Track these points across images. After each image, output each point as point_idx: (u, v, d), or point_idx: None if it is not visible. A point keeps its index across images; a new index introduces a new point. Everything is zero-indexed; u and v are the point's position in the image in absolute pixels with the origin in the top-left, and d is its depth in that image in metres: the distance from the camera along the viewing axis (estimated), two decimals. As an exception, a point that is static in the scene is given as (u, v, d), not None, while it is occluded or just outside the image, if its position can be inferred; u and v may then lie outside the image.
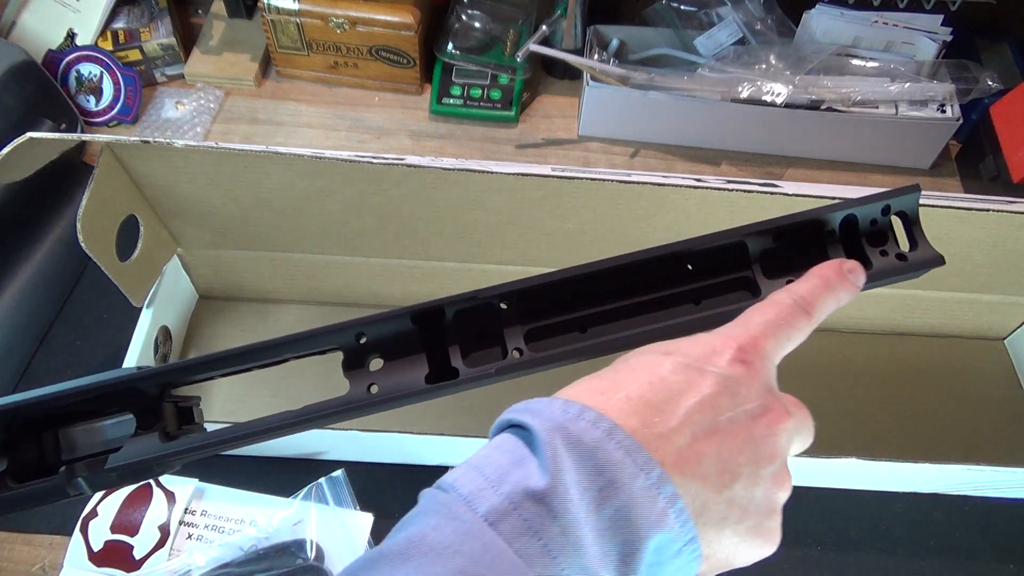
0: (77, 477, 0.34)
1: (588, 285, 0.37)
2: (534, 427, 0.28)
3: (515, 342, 0.36)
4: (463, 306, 0.36)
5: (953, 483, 0.64)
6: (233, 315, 0.76)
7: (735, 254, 0.37)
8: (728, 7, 0.86)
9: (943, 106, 0.83)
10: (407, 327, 0.35)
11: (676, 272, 0.37)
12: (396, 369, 0.35)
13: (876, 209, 0.37)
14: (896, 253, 0.37)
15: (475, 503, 0.27)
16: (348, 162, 0.58)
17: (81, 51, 0.89)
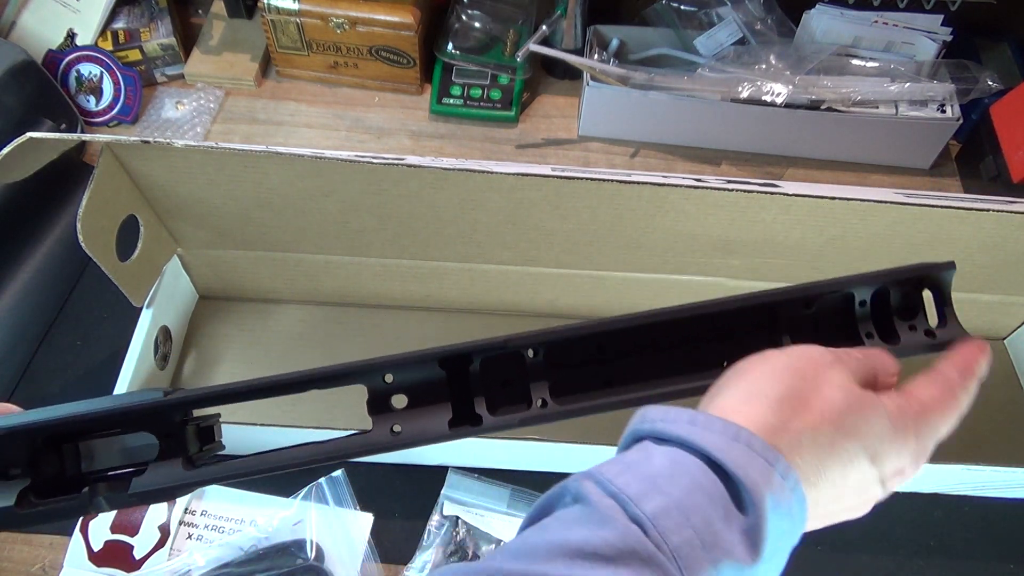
0: (99, 497, 0.34)
1: (616, 338, 0.36)
2: (740, 479, 0.27)
3: (540, 392, 0.36)
4: (491, 354, 0.35)
5: (953, 483, 0.64)
6: (233, 315, 0.76)
7: (764, 317, 0.37)
8: (728, 7, 0.86)
9: (943, 106, 0.83)
10: (434, 370, 0.35)
11: (704, 330, 0.37)
12: (420, 412, 0.35)
13: (909, 283, 0.37)
14: (925, 329, 0.37)
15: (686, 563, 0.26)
16: (348, 162, 0.58)
17: (81, 51, 0.89)
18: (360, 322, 0.76)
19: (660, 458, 0.28)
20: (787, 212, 0.62)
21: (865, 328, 0.37)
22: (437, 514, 0.64)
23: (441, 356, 0.35)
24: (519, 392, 0.36)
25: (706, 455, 0.28)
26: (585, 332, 0.35)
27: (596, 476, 0.29)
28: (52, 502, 0.34)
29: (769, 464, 0.27)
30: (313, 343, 0.74)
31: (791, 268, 0.69)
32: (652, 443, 0.30)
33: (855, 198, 0.59)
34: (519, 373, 0.36)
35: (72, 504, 0.34)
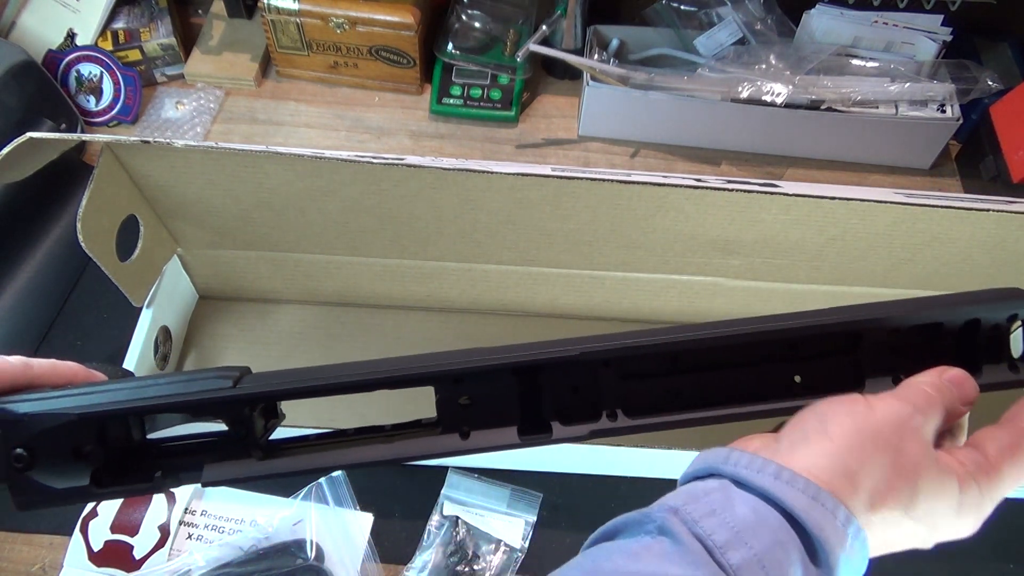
0: (172, 477, 0.35)
1: (690, 352, 0.36)
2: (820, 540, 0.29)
3: (611, 404, 0.35)
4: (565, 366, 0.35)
5: (953, 483, 0.64)
6: (233, 315, 0.76)
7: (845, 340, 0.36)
8: (728, 7, 0.86)
9: (943, 106, 0.83)
10: (505, 377, 0.35)
11: (781, 348, 0.36)
12: (489, 417, 0.35)
13: (1001, 315, 0.36)
14: (1009, 363, 0.36)
15: None
16: (348, 162, 0.58)
17: (81, 51, 0.89)
18: (360, 322, 0.76)
19: (743, 507, 0.30)
20: (787, 212, 0.62)
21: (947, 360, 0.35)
22: (437, 514, 0.64)
23: (514, 364, 0.35)
24: (588, 402, 0.36)
25: (788, 512, 0.29)
26: (660, 346, 0.35)
27: (683, 514, 0.30)
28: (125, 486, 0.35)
29: (844, 527, 0.29)
30: (313, 343, 0.74)
31: (791, 268, 0.69)
32: (733, 486, 0.31)
33: (855, 198, 0.59)
34: (590, 386, 0.36)
35: (145, 487, 0.35)
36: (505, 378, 0.35)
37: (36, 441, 0.34)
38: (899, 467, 0.31)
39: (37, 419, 0.34)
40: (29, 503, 0.34)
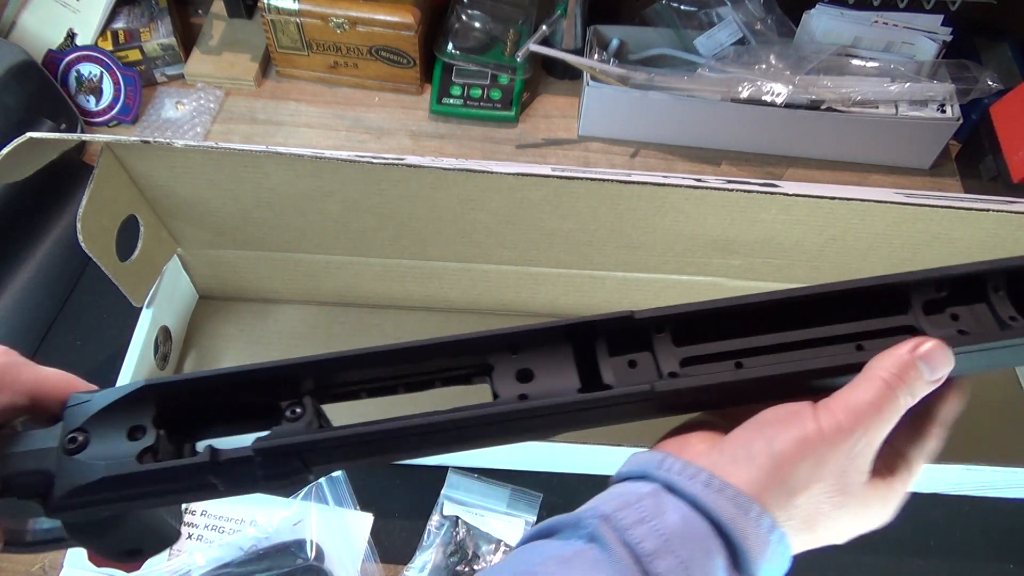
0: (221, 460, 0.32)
1: (743, 317, 0.36)
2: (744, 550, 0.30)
3: (670, 366, 0.35)
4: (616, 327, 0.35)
5: (953, 483, 0.64)
6: (233, 315, 0.76)
7: (897, 299, 0.36)
8: (728, 7, 0.86)
9: (943, 106, 0.83)
10: (561, 341, 0.35)
11: (834, 310, 0.36)
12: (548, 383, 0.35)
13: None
14: None
15: None
16: (348, 162, 0.58)
17: (81, 51, 0.89)
18: (360, 322, 0.76)
19: (673, 514, 0.30)
20: (787, 212, 0.62)
21: (1007, 312, 0.36)
22: (437, 514, 0.64)
23: (568, 326, 0.35)
24: (646, 368, 0.36)
25: (715, 520, 0.30)
26: (713, 309, 0.35)
27: (614, 521, 0.30)
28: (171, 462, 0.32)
29: (767, 536, 0.31)
30: (313, 343, 0.74)
31: (791, 268, 0.69)
32: (665, 492, 0.31)
33: (855, 198, 0.59)
34: (645, 349, 0.36)
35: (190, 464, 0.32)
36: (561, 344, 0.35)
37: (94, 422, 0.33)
38: (836, 492, 0.33)
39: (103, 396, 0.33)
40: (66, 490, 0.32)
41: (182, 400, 0.34)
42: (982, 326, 0.36)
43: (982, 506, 0.66)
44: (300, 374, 0.34)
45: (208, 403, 0.34)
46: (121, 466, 0.32)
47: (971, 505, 0.66)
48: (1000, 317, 0.36)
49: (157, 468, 0.32)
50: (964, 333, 0.35)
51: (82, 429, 0.33)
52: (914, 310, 0.36)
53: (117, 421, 0.33)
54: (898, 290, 0.36)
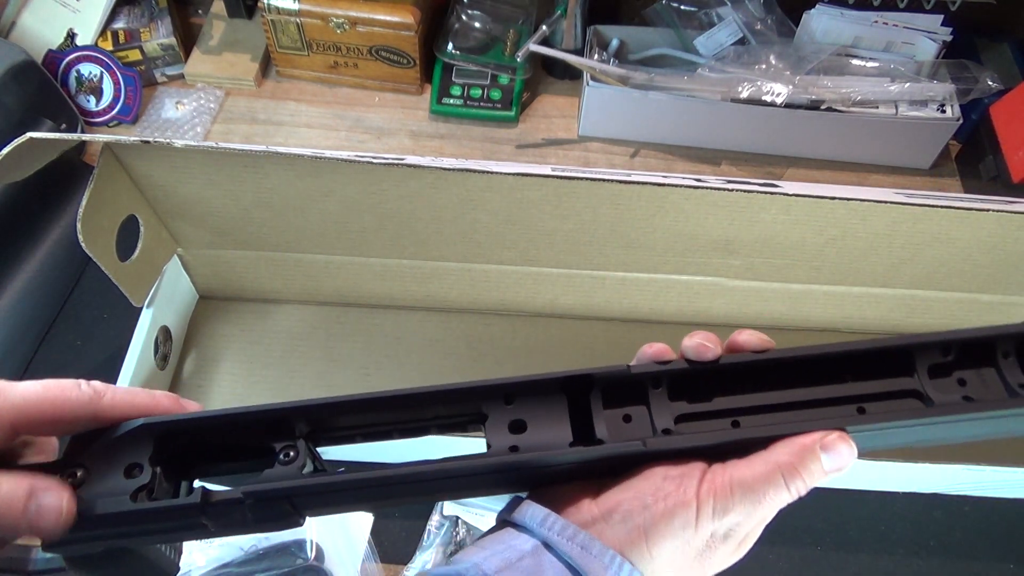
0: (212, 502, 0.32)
1: (744, 374, 0.36)
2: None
3: (664, 423, 0.35)
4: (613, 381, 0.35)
5: (953, 483, 0.64)
6: (233, 315, 0.76)
7: (902, 361, 0.35)
8: (728, 7, 0.86)
9: (943, 106, 0.83)
10: (555, 394, 0.35)
11: (835, 370, 0.36)
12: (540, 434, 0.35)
13: None
14: None
15: None
16: (348, 162, 0.58)
17: (81, 51, 0.89)
18: (360, 322, 0.76)
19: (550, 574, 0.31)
20: (787, 212, 0.62)
21: (1016, 379, 0.35)
22: (437, 514, 0.64)
23: (563, 379, 0.35)
24: (642, 424, 0.35)
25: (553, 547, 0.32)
26: (712, 368, 0.35)
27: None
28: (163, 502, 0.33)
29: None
30: (313, 343, 0.74)
31: (791, 268, 0.69)
32: (544, 550, 0.32)
33: (855, 198, 0.59)
34: (640, 403, 0.36)
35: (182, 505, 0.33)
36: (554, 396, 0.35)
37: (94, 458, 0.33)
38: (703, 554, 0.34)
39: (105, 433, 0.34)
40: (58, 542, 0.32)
41: (179, 438, 0.34)
42: (990, 392, 0.35)
43: (982, 506, 0.66)
44: (295, 417, 0.35)
45: (205, 442, 0.35)
46: (115, 504, 0.32)
47: (971, 505, 0.66)
48: (1009, 383, 0.35)
49: (149, 508, 0.32)
50: (970, 399, 0.35)
51: (81, 465, 0.33)
52: (919, 373, 0.35)
53: (116, 458, 0.33)
54: (903, 352, 0.35)
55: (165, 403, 0.35)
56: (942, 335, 0.35)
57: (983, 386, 0.35)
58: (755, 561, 0.62)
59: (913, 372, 0.35)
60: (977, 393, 0.35)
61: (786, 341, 0.35)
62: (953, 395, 0.35)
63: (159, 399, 0.35)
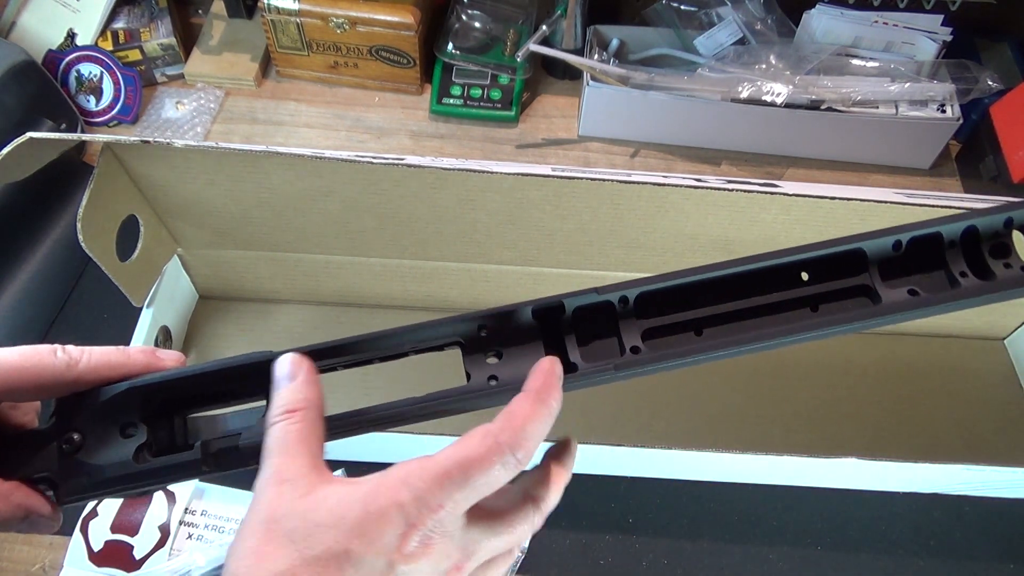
0: (211, 452, 0.35)
1: (703, 288, 0.37)
2: None
3: (632, 340, 0.36)
4: (583, 302, 0.36)
5: (953, 483, 0.64)
6: (233, 315, 0.76)
7: (852, 260, 0.37)
8: (728, 7, 0.86)
9: (943, 106, 0.83)
10: (527, 321, 0.36)
11: (791, 277, 0.37)
12: (515, 362, 0.36)
13: (998, 221, 0.37)
14: (1021, 266, 0.36)
15: None
16: (348, 162, 0.58)
17: (81, 51, 0.89)
18: (360, 322, 0.76)
19: None
20: (787, 212, 0.62)
21: (958, 267, 0.36)
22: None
23: (535, 306, 0.36)
24: (611, 343, 0.37)
25: None
26: (673, 283, 0.36)
27: None
28: (167, 458, 0.35)
29: None
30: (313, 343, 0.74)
31: (791, 268, 0.69)
32: None
33: (855, 198, 0.59)
34: (610, 325, 0.37)
35: (186, 459, 0.35)
36: (527, 323, 0.36)
37: (87, 422, 0.35)
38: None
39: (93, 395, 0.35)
40: (72, 491, 0.34)
41: (165, 394, 0.35)
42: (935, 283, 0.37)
43: (982, 506, 0.66)
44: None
45: (192, 394, 0.36)
46: (121, 467, 0.34)
47: (971, 505, 0.66)
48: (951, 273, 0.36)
49: (154, 467, 0.34)
50: (915, 293, 0.36)
51: (76, 429, 0.35)
52: (871, 271, 0.37)
53: (108, 420, 0.35)
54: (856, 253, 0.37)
55: (139, 358, 0.36)
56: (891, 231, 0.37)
57: (929, 279, 0.37)
58: (755, 561, 0.63)
59: (865, 268, 0.37)
60: (923, 285, 0.36)
61: (786, 341, 0.35)
62: (901, 290, 0.36)
63: (133, 356, 0.36)
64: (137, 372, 0.36)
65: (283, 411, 0.33)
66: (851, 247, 0.36)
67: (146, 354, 0.36)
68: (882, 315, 0.36)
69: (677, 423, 0.70)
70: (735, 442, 0.69)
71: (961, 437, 0.71)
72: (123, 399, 0.35)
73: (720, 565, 0.62)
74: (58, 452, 0.34)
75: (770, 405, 0.71)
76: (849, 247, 0.36)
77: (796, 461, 0.59)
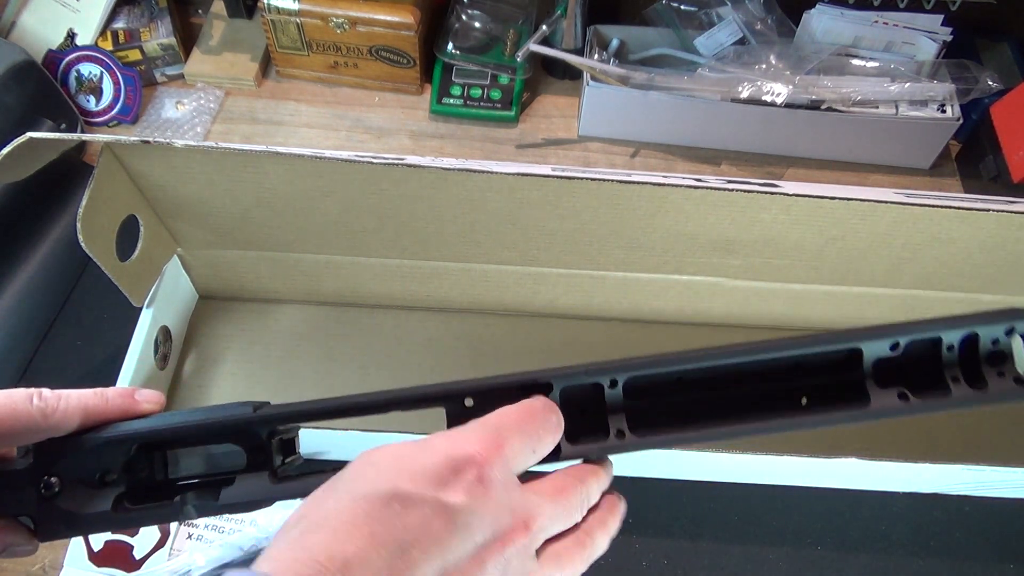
0: (190, 505, 0.35)
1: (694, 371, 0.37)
2: None
3: (618, 423, 0.36)
4: (572, 383, 0.36)
5: (953, 483, 0.64)
6: (233, 315, 0.76)
7: (848, 358, 0.36)
8: (728, 7, 0.86)
9: (943, 106, 0.83)
10: (515, 397, 0.36)
11: (784, 366, 0.37)
12: None
13: (999, 330, 0.36)
14: (1014, 376, 0.36)
15: None
16: (348, 162, 0.58)
17: (81, 51, 0.89)
18: (360, 322, 0.76)
19: None
20: (787, 212, 0.62)
21: (951, 372, 0.36)
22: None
23: (522, 383, 0.36)
24: (596, 422, 0.36)
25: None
26: (664, 367, 0.36)
27: None
28: (145, 508, 0.35)
29: None
30: (313, 343, 0.74)
31: (791, 268, 0.69)
32: None
33: (855, 198, 0.59)
34: (596, 405, 0.36)
35: (163, 511, 0.35)
36: (514, 398, 0.35)
37: (65, 468, 0.35)
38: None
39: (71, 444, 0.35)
40: (51, 532, 0.35)
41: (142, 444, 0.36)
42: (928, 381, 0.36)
43: (982, 506, 0.66)
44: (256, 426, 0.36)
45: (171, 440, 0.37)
46: (99, 516, 0.35)
47: (971, 505, 0.66)
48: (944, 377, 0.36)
49: (130, 516, 0.35)
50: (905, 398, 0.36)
51: (55, 474, 0.35)
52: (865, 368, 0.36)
53: (86, 469, 0.35)
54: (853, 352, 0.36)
55: (117, 402, 0.36)
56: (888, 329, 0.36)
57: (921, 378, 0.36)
58: (755, 561, 0.62)
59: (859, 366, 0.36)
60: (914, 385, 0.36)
61: (787, 341, 0.35)
62: (891, 391, 0.36)
63: (111, 400, 0.36)
64: (115, 415, 0.36)
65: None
66: (849, 346, 0.36)
67: (124, 397, 0.36)
68: (870, 417, 0.36)
69: (677, 423, 0.70)
70: (735, 442, 0.69)
71: (961, 437, 0.71)
72: (100, 450, 0.35)
73: (720, 565, 0.62)
74: (37, 495, 0.35)
75: (770, 405, 0.71)
76: (847, 346, 0.36)
77: (796, 461, 0.59)
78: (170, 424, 0.36)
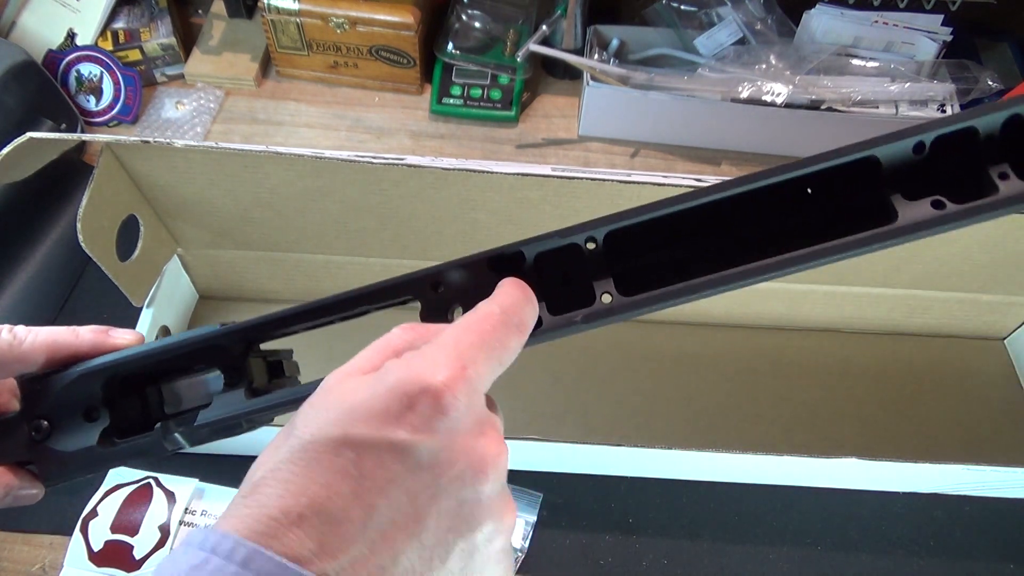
0: (173, 432, 0.35)
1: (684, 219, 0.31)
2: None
3: (604, 287, 0.32)
4: (544, 247, 0.32)
5: (953, 483, 0.64)
6: (233, 315, 0.76)
7: (864, 173, 0.30)
8: (728, 7, 0.86)
9: (943, 106, 0.83)
10: (485, 274, 0.33)
11: (792, 196, 0.31)
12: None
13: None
14: None
15: None
16: (348, 162, 0.58)
17: (81, 51, 0.89)
18: (360, 322, 0.76)
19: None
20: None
21: (998, 169, 0.29)
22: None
23: (491, 256, 0.33)
24: (581, 290, 0.32)
25: None
26: (648, 216, 0.31)
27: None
28: (129, 440, 0.35)
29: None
30: (313, 343, 0.74)
31: (791, 268, 0.69)
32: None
33: (855, 198, 0.59)
34: (579, 271, 0.32)
35: (148, 441, 0.35)
36: (486, 276, 0.33)
37: (52, 409, 0.35)
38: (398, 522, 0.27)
39: (54, 382, 0.35)
40: (50, 475, 0.35)
41: (122, 375, 0.36)
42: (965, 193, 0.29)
43: (982, 506, 0.66)
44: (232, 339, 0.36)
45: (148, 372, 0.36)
46: (88, 452, 0.35)
47: (971, 505, 0.66)
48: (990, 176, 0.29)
49: (117, 449, 0.35)
50: (940, 204, 0.29)
51: (43, 415, 0.35)
52: (885, 182, 0.30)
53: (70, 405, 0.35)
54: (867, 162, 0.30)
55: (88, 337, 0.36)
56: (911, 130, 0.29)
57: (960, 186, 0.29)
58: (755, 561, 0.62)
59: (881, 182, 0.30)
60: (951, 194, 0.29)
61: (786, 341, 0.34)
62: (923, 202, 0.30)
63: (82, 336, 0.36)
64: (87, 351, 0.36)
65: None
66: (862, 155, 0.29)
67: (96, 333, 0.36)
68: (900, 236, 0.29)
69: (677, 423, 0.70)
70: (735, 442, 0.69)
71: (961, 437, 0.71)
72: (78, 384, 0.35)
73: (720, 565, 0.62)
74: (29, 439, 0.35)
75: (770, 405, 0.71)
76: (859, 155, 0.29)
77: (796, 461, 0.59)
78: (142, 351, 0.35)
